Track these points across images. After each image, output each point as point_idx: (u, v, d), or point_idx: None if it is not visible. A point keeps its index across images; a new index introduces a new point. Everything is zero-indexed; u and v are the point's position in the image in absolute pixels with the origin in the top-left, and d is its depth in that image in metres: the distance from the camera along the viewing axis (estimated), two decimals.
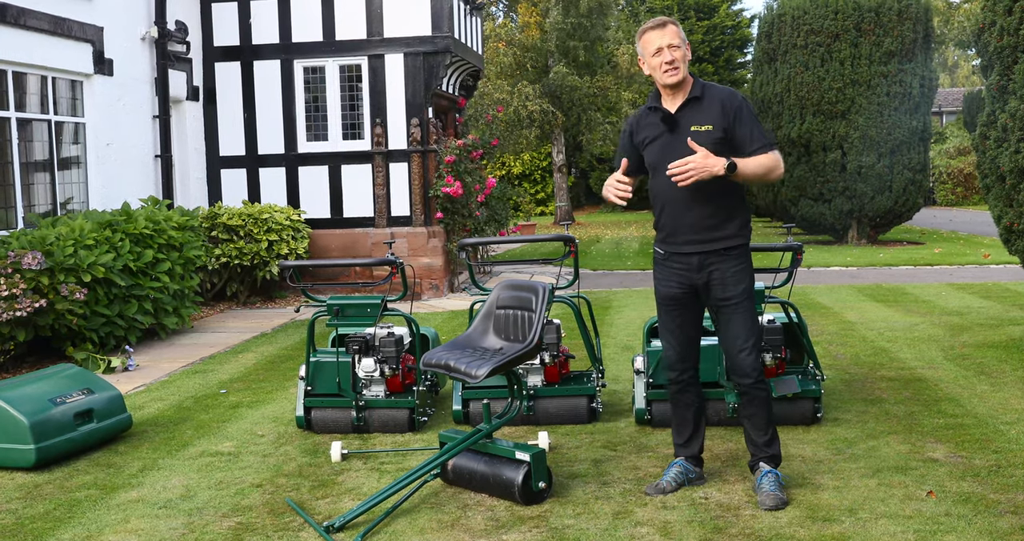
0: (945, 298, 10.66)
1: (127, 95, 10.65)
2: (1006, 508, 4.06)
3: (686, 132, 4.22)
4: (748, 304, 4.29)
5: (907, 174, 17.21)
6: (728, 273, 4.25)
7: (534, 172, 33.27)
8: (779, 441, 4.45)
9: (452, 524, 4.10)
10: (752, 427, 4.39)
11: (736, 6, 37.35)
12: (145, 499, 4.56)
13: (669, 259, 4.36)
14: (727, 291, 4.26)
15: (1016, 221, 7.43)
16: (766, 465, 4.33)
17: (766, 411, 4.36)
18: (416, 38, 11.85)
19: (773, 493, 4.18)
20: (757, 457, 4.38)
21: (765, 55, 18.19)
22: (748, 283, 4.31)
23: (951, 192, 30.80)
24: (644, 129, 4.37)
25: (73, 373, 5.62)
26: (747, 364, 4.27)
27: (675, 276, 4.35)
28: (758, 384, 4.31)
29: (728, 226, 4.27)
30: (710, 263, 4.26)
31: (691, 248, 4.27)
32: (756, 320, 4.34)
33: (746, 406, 4.38)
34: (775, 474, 4.29)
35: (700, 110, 4.25)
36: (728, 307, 4.27)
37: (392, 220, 12.00)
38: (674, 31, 4.25)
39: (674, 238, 4.31)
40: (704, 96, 4.27)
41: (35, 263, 7.38)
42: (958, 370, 6.80)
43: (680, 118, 4.26)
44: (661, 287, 4.41)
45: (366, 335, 5.60)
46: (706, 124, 4.22)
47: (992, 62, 7.63)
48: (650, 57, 4.27)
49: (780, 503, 4.14)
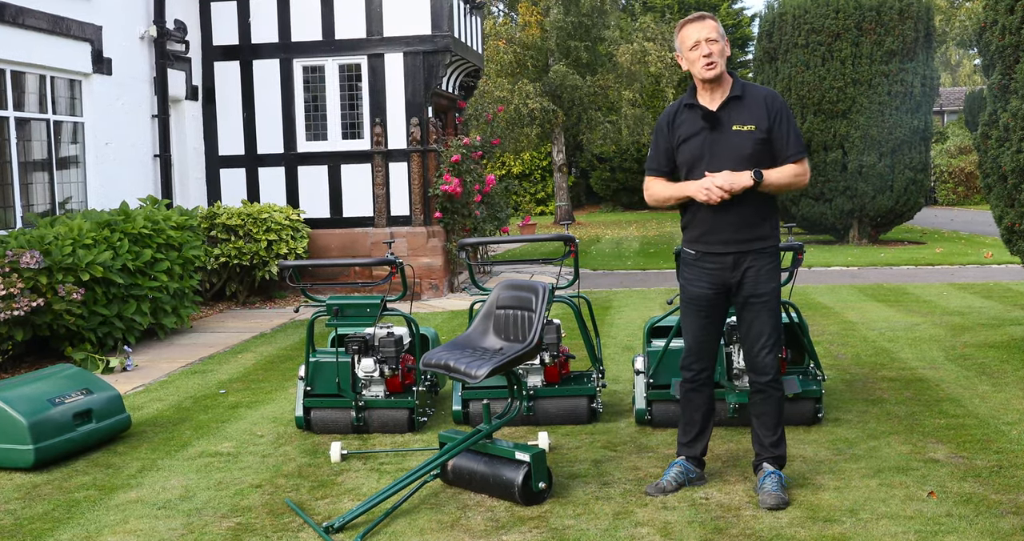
0: (946, 298, 10.64)
1: (126, 94, 10.64)
2: (1007, 509, 4.04)
3: (728, 131, 4.19)
4: (775, 303, 4.31)
5: (908, 174, 17.20)
6: (763, 270, 4.26)
7: (534, 172, 33.24)
8: (786, 443, 4.44)
9: (452, 525, 4.09)
10: (761, 426, 4.37)
11: (737, 5, 37.36)
12: (144, 500, 4.55)
13: (701, 259, 4.33)
14: (759, 288, 4.26)
15: (1018, 221, 7.41)
16: (770, 465, 4.32)
17: (778, 411, 4.35)
18: (416, 37, 11.84)
19: (775, 493, 4.16)
20: (762, 457, 4.37)
21: (766, 54, 18.17)
22: (777, 281, 4.32)
23: (952, 192, 30.78)
24: (681, 126, 4.31)
25: (72, 373, 5.61)
26: (767, 362, 4.28)
27: (707, 276, 4.32)
28: (774, 383, 4.31)
29: (764, 226, 4.27)
30: (746, 262, 4.25)
31: (729, 248, 4.24)
32: (780, 319, 4.35)
33: (758, 404, 4.37)
34: (778, 475, 4.28)
35: (742, 109, 4.22)
36: (756, 304, 4.27)
37: (392, 220, 11.99)
38: (712, 25, 4.24)
39: (709, 237, 4.28)
40: (745, 95, 4.24)
41: (33, 262, 7.37)
42: (959, 370, 6.78)
43: (722, 116, 4.22)
44: (691, 287, 4.38)
45: (366, 335, 5.59)
46: (749, 124, 4.19)
47: (994, 61, 7.61)
48: (688, 51, 4.25)
49: (781, 503, 4.12)
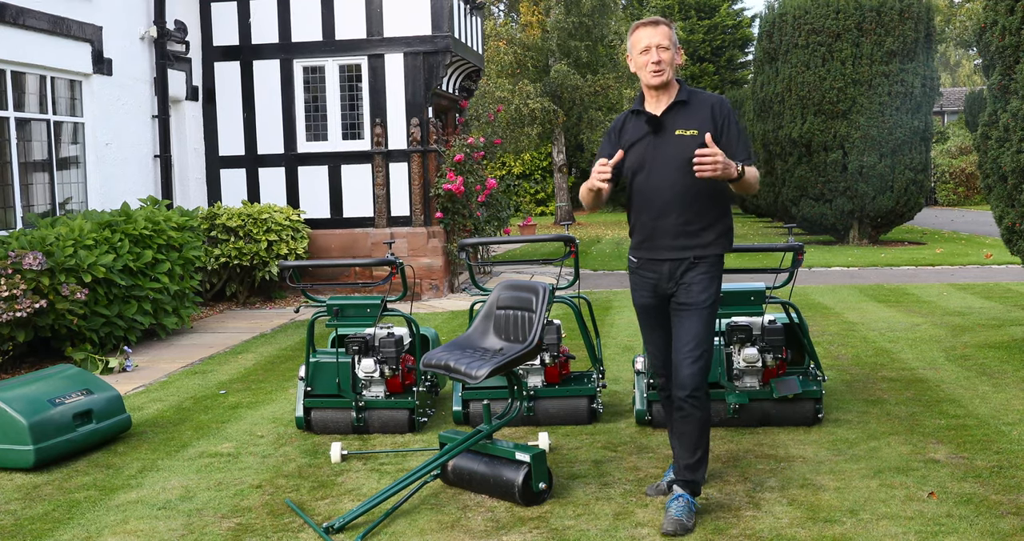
0: (947, 298, 10.64)
1: (126, 95, 10.64)
2: (1008, 509, 4.04)
3: (671, 135, 4.10)
4: (704, 312, 4.05)
5: (908, 174, 17.20)
6: (695, 280, 4.08)
7: (534, 172, 33.24)
8: (706, 467, 4.16)
9: (452, 525, 4.09)
10: (680, 446, 4.11)
11: (737, 5, 37.38)
12: (144, 500, 4.55)
13: (641, 267, 4.20)
14: (690, 297, 4.07)
15: (1018, 221, 7.41)
16: (680, 488, 4.04)
17: (698, 431, 4.06)
18: (416, 38, 11.84)
19: (677, 519, 3.90)
20: (676, 479, 4.12)
21: (766, 55, 18.18)
22: (712, 293, 4.10)
23: (952, 192, 30.79)
24: (627, 132, 4.23)
25: (72, 374, 5.61)
26: (686, 374, 4.00)
27: (647, 286, 4.19)
28: (694, 399, 4.02)
29: (706, 234, 4.10)
30: (681, 271, 4.09)
31: (665, 255, 4.10)
32: (710, 333, 4.07)
33: (677, 423, 4.11)
34: (687, 499, 4.00)
35: (686, 114, 4.12)
36: (682, 311, 4.07)
37: (392, 220, 11.99)
38: (666, 32, 4.12)
39: (650, 243, 4.14)
40: (691, 101, 4.14)
41: (36, 263, 7.37)
42: (960, 371, 6.78)
43: (665, 121, 4.12)
44: (635, 297, 4.27)
45: (366, 335, 5.59)
46: (691, 129, 4.08)
47: (994, 61, 7.62)
48: (637, 54, 4.15)
49: (680, 529, 3.86)
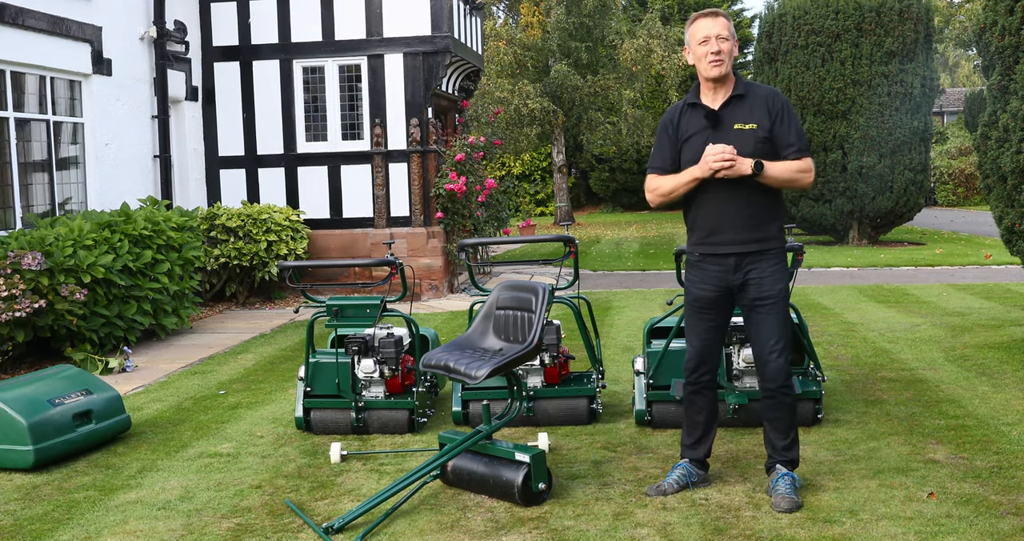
0: (946, 299, 10.64)
1: (126, 95, 10.64)
2: (1007, 509, 4.04)
3: (730, 129, 4.15)
4: (782, 306, 4.22)
5: (908, 174, 17.20)
6: (766, 273, 4.20)
7: (534, 172, 33.24)
8: (799, 445, 4.42)
9: (452, 525, 4.09)
10: (773, 430, 4.34)
11: (737, 6, 37.33)
12: (144, 500, 4.55)
13: (704, 261, 4.28)
14: (764, 291, 4.19)
15: (1018, 222, 7.41)
16: (783, 468, 4.29)
17: (790, 416, 4.30)
18: (416, 38, 11.84)
19: (788, 496, 4.14)
20: (775, 459, 4.34)
21: (766, 55, 18.16)
22: (784, 284, 4.25)
23: (952, 192, 30.77)
24: (684, 125, 4.27)
25: (72, 374, 5.60)
26: (774, 367, 4.22)
27: (711, 278, 4.27)
28: (784, 389, 4.25)
29: (769, 227, 4.20)
30: (748, 264, 4.19)
31: (731, 248, 4.19)
32: (788, 323, 4.28)
33: (769, 409, 4.32)
34: (791, 477, 4.26)
35: (744, 108, 4.18)
36: (762, 308, 4.21)
37: (391, 220, 11.99)
38: (725, 23, 4.20)
39: (713, 238, 4.22)
40: (748, 94, 4.20)
41: (35, 264, 7.37)
42: (959, 371, 6.78)
43: (724, 115, 4.18)
44: (694, 289, 4.34)
45: (365, 336, 5.59)
46: (751, 123, 4.15)
47: (993, 62, 7.62)
48: (696, 45, 4.21)
49: (794, 506, 4.10)
